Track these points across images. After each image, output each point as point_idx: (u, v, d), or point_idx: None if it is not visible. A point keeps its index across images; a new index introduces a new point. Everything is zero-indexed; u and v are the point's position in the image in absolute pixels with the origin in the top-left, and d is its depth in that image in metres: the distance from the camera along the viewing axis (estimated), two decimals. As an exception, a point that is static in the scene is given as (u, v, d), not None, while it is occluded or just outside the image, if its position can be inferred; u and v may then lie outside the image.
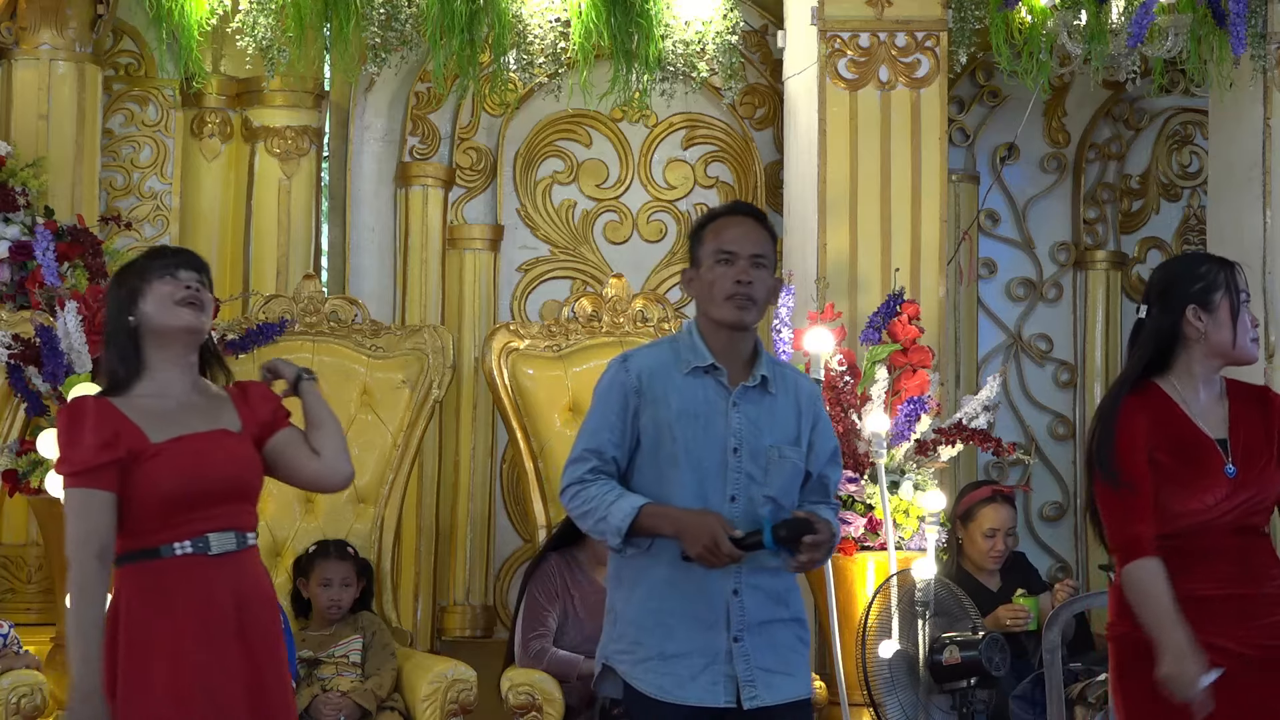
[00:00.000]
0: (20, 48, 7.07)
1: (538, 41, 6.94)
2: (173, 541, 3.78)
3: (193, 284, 3.91)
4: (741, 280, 3.97)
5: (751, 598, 3.95)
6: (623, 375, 4.02)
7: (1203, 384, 4.15)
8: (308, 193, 7.51)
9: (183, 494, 3.78)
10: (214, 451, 3.84)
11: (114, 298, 3.95)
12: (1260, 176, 6.84)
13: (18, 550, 6.81)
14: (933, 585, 6.00)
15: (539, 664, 5.89)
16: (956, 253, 7.58)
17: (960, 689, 5.85)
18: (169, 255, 3.97)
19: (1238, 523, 4.06)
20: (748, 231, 4.04)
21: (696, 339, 4.04)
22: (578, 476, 4.00)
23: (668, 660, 3.92)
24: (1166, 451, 4.06)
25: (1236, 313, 4.16)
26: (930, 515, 6.27)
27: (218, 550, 3.81)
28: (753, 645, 3.93)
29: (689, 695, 3.91)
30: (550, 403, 6.70)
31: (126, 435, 3.79)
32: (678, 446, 3.94)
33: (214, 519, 3.81)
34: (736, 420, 3.98)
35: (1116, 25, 6.71)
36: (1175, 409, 4.11)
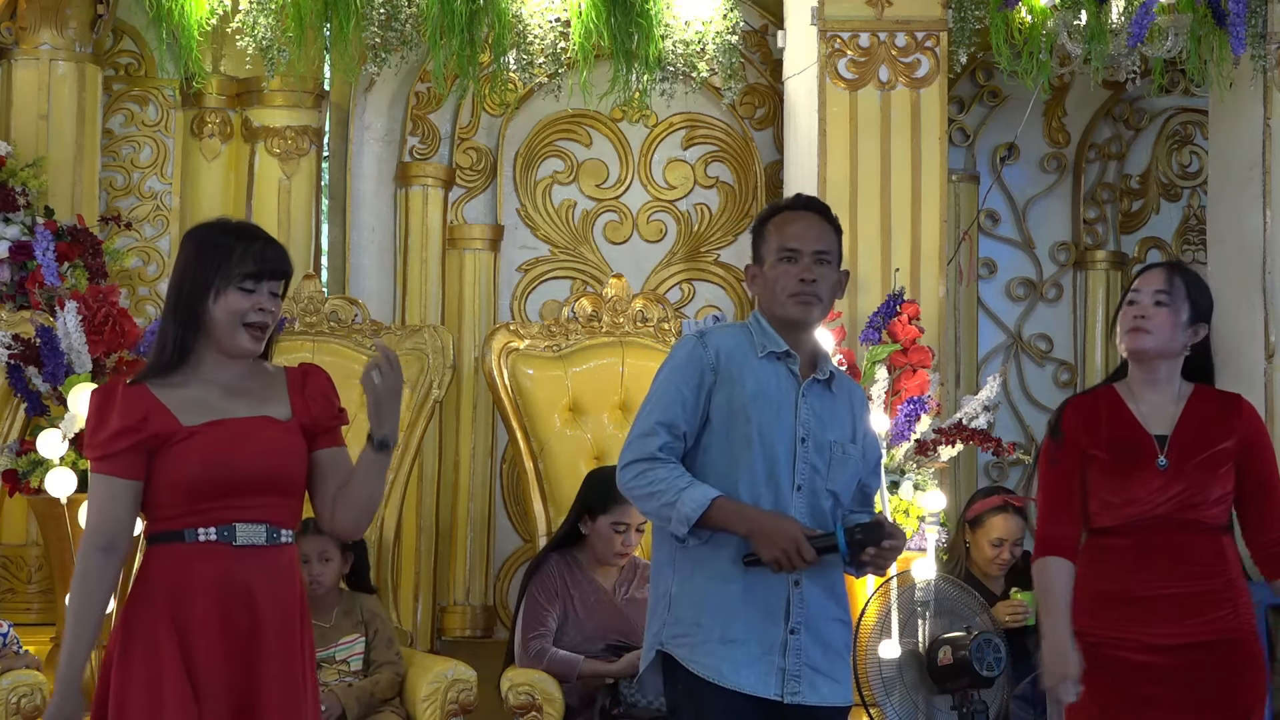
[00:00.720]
0: (20, 48, 7.07)
1: (538, 41, 6.94)
2: (197, 527, 3.67)
3: (266, 306, 3.71)
4: (805, 278, 3.97)
5: (811, 591, 3.93)
6: (700, 351, 3.99)
7: (1149, 385, 4.34)
8: (308, 193, 7.50)
9: (210, 480, 3.66)
10: (251, 439, 3.70)
11: (187, 274, 3.73)
12: (1260, 176, 6.84)
13: (18, 550, 6.81)
14: (934, 585, 5.99)
15: (539, 664, 5.89)
16: (956, 253, 7.58)
17: (957, 689, 5.85)
18: (255, 257, 3.71)
19: (1175, 516, 4.21)
20: (810, 226, 4.04)
21: (767, 326, 4.04)
22: (648, 452, 3.93)
23: (727, 645, 3.89)
24: (1103, 448, 4.27)
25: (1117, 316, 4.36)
26: (930, 515, 6.27)
27: (243, 542, 3.68)
28: (807, 640, 3.92)
29: (743, 682, 3.89)
30: (550, 403, 6.70)
31: (156, 418, 3.66)
32: (751, 428, 3.93)
33: (245, 509, 3.68)
34: (805, 411, 3.99)
35: (1116, 25, 6.71)
36: (1121, 408, 4.31)
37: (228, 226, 3.79)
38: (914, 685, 5.93)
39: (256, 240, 3.74)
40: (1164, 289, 4.29)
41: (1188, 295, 4.30)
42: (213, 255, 3.70)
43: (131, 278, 7.33)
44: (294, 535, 3.80)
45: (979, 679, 5.80)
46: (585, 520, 6.00)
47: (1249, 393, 6.72)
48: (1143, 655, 4.17)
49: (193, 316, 3.70)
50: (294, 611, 3.78)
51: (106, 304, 6.10)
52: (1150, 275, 4.36)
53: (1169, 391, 4.33)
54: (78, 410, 5.87)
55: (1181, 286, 4.31)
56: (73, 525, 5.85)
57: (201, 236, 3.77)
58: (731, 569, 3.91)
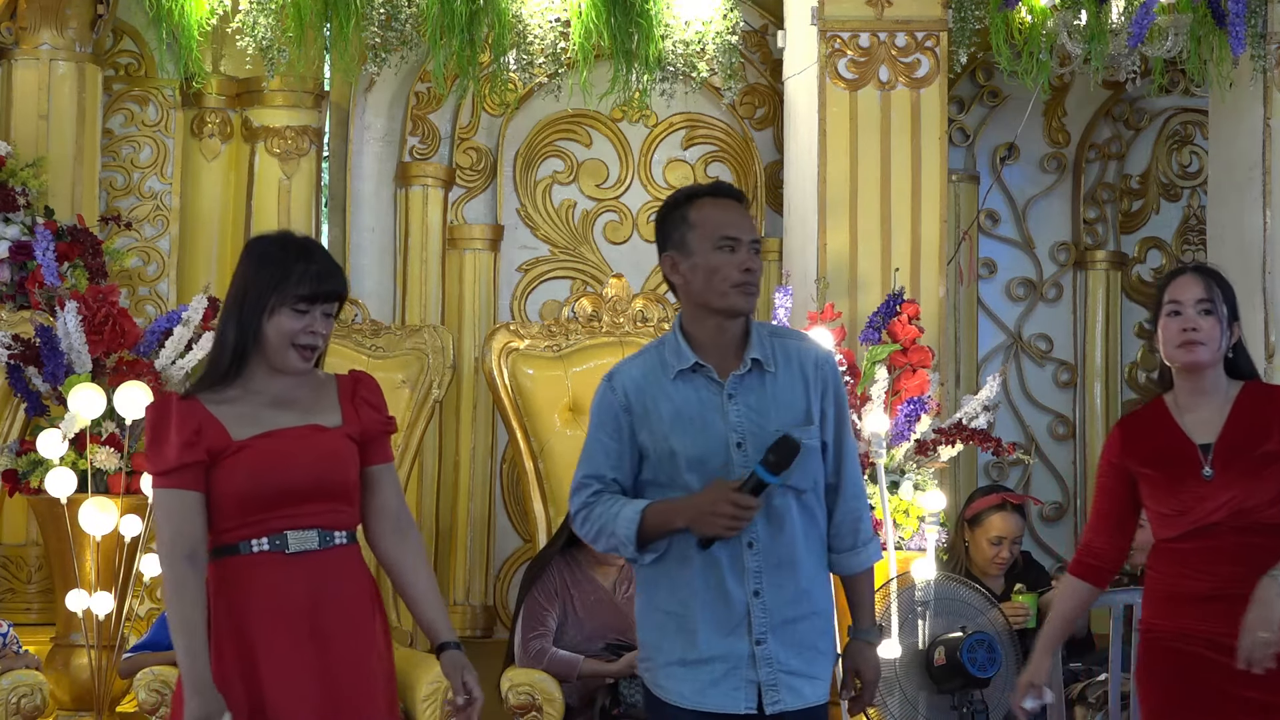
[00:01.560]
0: (20, 48, 7.07)
1: (538, 41, 6.94)
2: (250, 539, 3.71)
3: (317, 329, 3.77)
4: (750, 269, 3.85)
5: (774, 598, 3.82)
6: (610, 396, 3.90)
7: (1197, 394, 4.28)
8: (308, 193, 7.51)
9: (260, 492, 3.70)
10: (300, 449, 3.73)
11: (245, 289, 3.78)
12: (1260, 176, 6.84)
13: (18, 550, 6.81)
14: (934, 584, 5.99)
15: (539, 664, 5.89)
16: (956, 253, 7.58)
17: (954, 689, 5.85)
18: (312, 279, 3.75)
19: (1232, 522, 4.16)
20: (742, 216, 3.91)
21: (679, 339, 3.89)
22: (583, 501, 3.90)
23: (689, 666, 3.82)
24: (1149, 464, 4.25)
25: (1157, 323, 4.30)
26: (930, 515, 6.27)
27: (295, 549, 3.71)
28: (776, 647, 3.81)
29: (709, 702, 3.81)
30: (550, 403, 6.71)
31: (209, 433, 3.71)
32: (678, 454, 3.82)
33: (297, 517, 3.72)
34: (735, 413, 3.83)
35: (1116, 25, 6.71)
36: (1167, 421, 4.28)
37: (289, 243, 3.82)
38: (914, 685, 5.93)
39: (314, 262, 3.77)
40: (1206, 297, 4.22)
41: (1224, 298, 4.27)
42: (270, 273, 3.75)
43: (131, 278, 7.33)
44: (351, 536, 3.81)
45: (971, 679, 5.80)
46: (585, 520, 6.00)
47: (1249, 393, 6.74)
48: (1209, 651, 4.14)
49: (248, 329, 3.75)
50: (360, 609, 3.80)
51: (106, 304, 6.10)
52: (1187, 283, 4.26)
53: (1216, 397, 4.27)
54: (78, 410, 5.88)
55: (1218, 290, 4.26)
56: (73, 525, 5.85)
57: (261, 251, 3.81)
58: (689, 589, 3.83)
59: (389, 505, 3.88)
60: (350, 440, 3.81)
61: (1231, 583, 4.12)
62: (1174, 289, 4.27)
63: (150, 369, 6.09)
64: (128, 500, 5.92)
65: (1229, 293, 4.29)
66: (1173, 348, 4.23)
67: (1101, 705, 5.80)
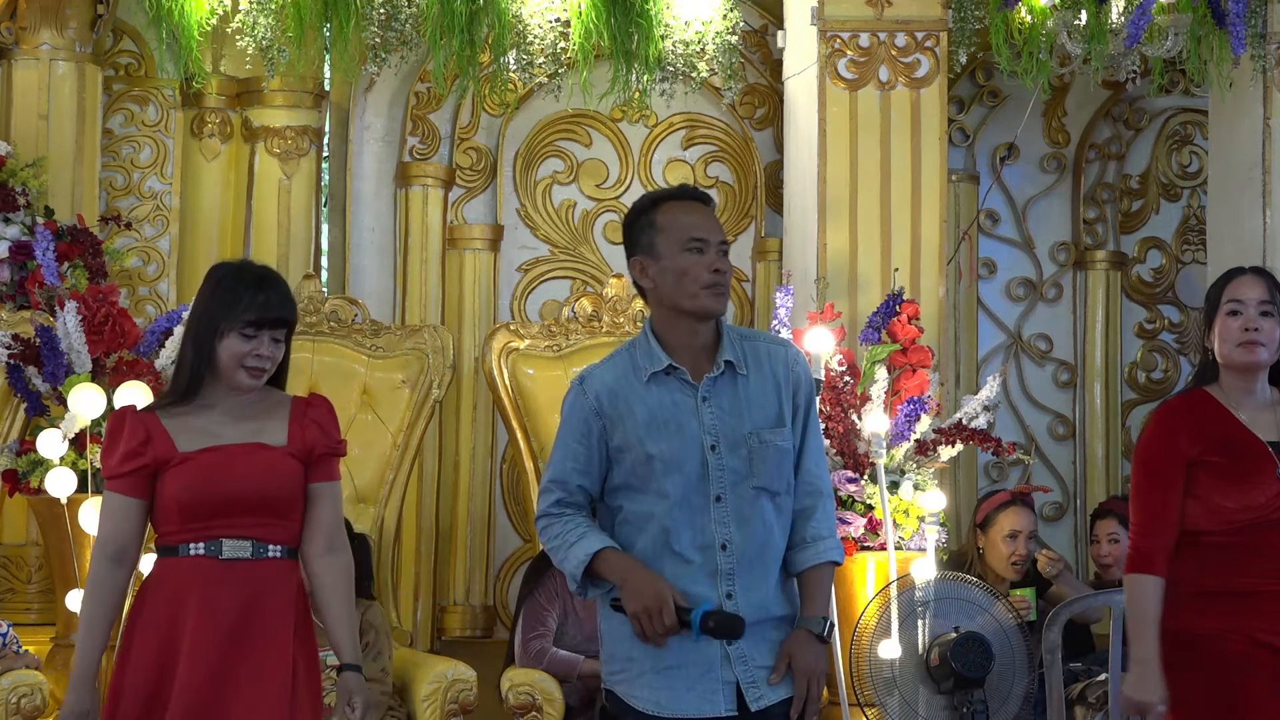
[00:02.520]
0: (20, 48, 7.07)
1: (538, 41, 6.94)
2: (189, 542, 3.98)
3: (264, 352, 3.99)
4: (720, 269, 3.83)
5: (746, 599, 3.80)
6: (581, 400, 3.87)
7: (1247, 394, 4.28)
8: (308, 193, 7.51)
9: (199, 500, 3.96)
10: (240, 464, 3.98)
11: (200, 312, 4.03)
12: (1260, 176, 6.85)
13: (18, 550, 6.81)
14: (934, 585, 5.99)
15: (539, 664, 5.89)
16: (956, 253, 7.58)
17: (952, 689, 5.85)
18: (259, 305, 3.98)
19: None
20: (709, 218, 3.89)
21: (651, 341, 3.88)
22: (544, 509, 3.89)
23: (662, 674, 3.80)
24: (1217, 452, 4.20)
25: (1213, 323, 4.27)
26: (930, 515, 6.27)
27: (229, 556, 3.96)
28: (750, 647, 3.81)
29: (686, 707, 3.80)
30: (550, 403, 6.70)
31: (157, 444, 3.98)
32: (654, 458, 3.80)
33: (233, 527, 3.97)
34: (709, 416, 3.82)
35: (1116, 25, 6.71)
36: (1224, 411, 4.25)
37: (245, 272, 4.06)
38: (913, 685, 5.93)
39: (264, 290, 4.00)
40: (1268, 299, 4.22)
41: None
42: (222, 298, 4.00)
43: (131, 278, 7.33)
44: (288, 551, 4.03)
45: (963, 679, 5.80)
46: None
47: (1249, 393, 6.74)
48: (1248, 648, 4.13)
49: (202, 350, 4.01)
50: (282, 621, 4.00)
51: (106, 304, 6.10)
52: (1249, 283, 4.25)
53: (1264, 399, 4.27)
54: (78, 410, 5.88)
55: (1278, 293, 4.27)
56: (73, 525, 5.85)
57: (219, 278, 4.07)
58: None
59: (324, 523, 4.08)
60: (293, 458, 4.03)
61: (1274, 579, 4.14)
62: (1236, 288, 4.25)
63: (150, 369, 6.09)
64: (128, 500, 5.90)
65: None
66: (1233, 346, 4.22)
67: (1102, 705, 5.79)
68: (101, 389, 5.91)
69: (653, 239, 3.87)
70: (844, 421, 6.34)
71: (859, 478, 6.31)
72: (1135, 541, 4.28)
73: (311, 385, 6.50)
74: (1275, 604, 4.14)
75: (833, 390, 6.35)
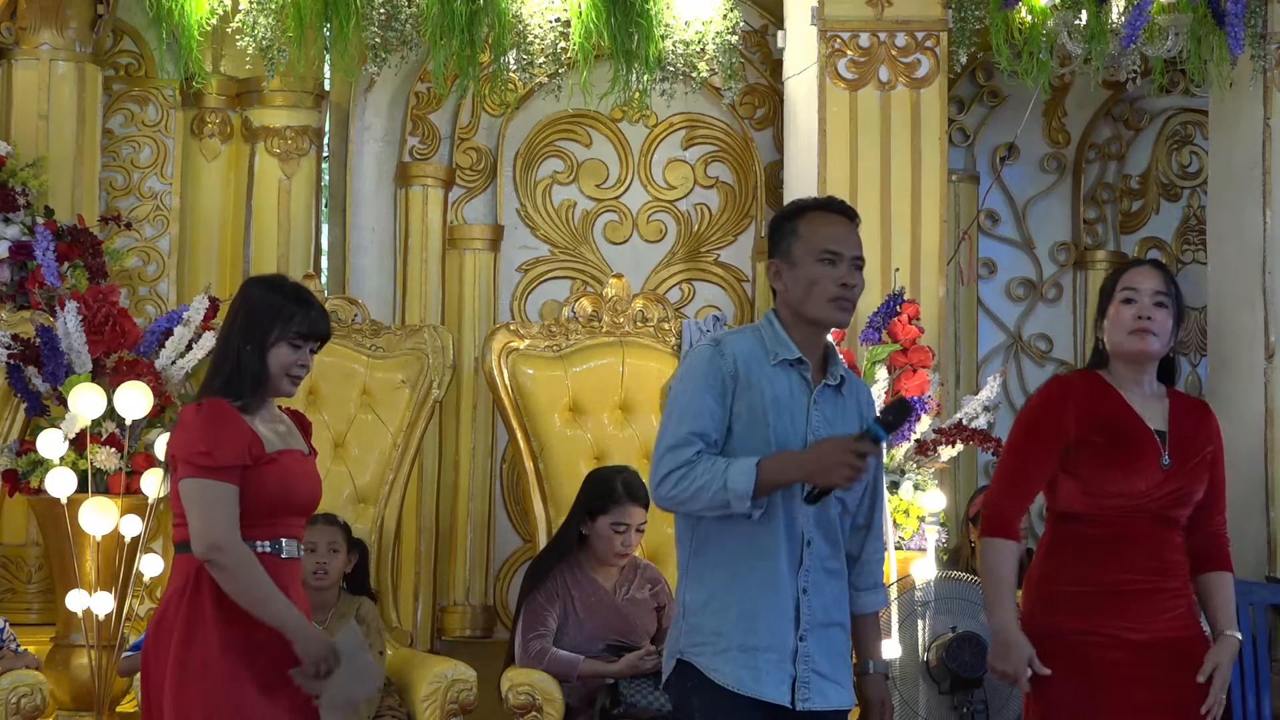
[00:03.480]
0: (20, 48, 7.07)
1: (538, 41, 6.94)
2: (255, 540, 4.10)
3: (307, 363, 4.23)
4: (847, 284, 3.98)
5: (818, 599, 3.95)
6: (719, 360, 3.96)
7: (1135, 384, 4.30)
8: (308, 193, 7.51)
9: (279, 501, 4.14)
10: (306, 469, 4.25)
11: (251, 323, 4.19)
12: (1260, 176, 6.84)
13: (18, 550, 6.81)
14: (934, 585, 5.99)
15: (539, 664, 5.89)
16: (956, 253, 7.58)
17: (951, 689, 5.85)
18: (308, 319, 4.21)
19: (1160, 512, 4.21)
20: (849, 232, 4.05)
21: (780, 331, 4.01)
22: (685, 459, 3.91)
23: (748, 652, 3.90)
24: (1102, 432, 4.22)
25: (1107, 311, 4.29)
26: (930, 515, 6.27)
27: (287, 555, 4.17)
28: (815, 646, 3.94)
29: (764, 690, 3.89)
30: (550, 403, 6.70)
31: (256, 441, 4.14)
32: (770, 434, 3.91)
33: (289, 527, 4.18)
34: (816, 417, 3.97)
35: (1116, 25, 6.71)
36: (1116, 394, 4.26)
37: (286, 289, 4.26)
38: (913, 686, 5.93)
39: (311, 305, 4.24)
40: (1163, 290, 4.25)
41: (1177, 295, 4.29)
42: (275, 312, 4.20)
43: (131, 278, 7.33)
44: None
45: (959, 679, 5.80)
46: (585, 521, 6.00)
47: (1248, 393, 6.76)
48: (1115, 652, 4.18)
49: (262, 358, 4.19)
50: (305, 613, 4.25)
51: (106, 304, 6.10)
52: (1145, 273, 4.28)
53: (1151, 390, 4.30)
54: (78, 410, 5.88)
55: (1173, 286, 4.29)
56: (73, 525, 5.85)
57: (265, 289, 4.25)
58: (750, 576, 3.92)
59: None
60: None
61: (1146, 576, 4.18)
62: (1131, 277, 4.28)
63: (150, 369, 6.09)
64: (128, 500, 5.91)
65: (1179, 292, 4.32)
66: (1125, 333, 4.24)
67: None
68: (101, 389, 5.91)
69: (791, 244, 4.02)
70: (844, 421, 6.33)
71: (859, 478, 6.30)
72: (994, 499, 4.31)
73: (311, 385, 6.50)
74: (1144, 601, 4.18)
75: (833, 390, 6.35)
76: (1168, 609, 4.21)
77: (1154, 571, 4.19)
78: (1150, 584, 4.19)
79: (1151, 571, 4.19)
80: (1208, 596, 4.32)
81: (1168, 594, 4.22)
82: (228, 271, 7.48)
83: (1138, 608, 4.18)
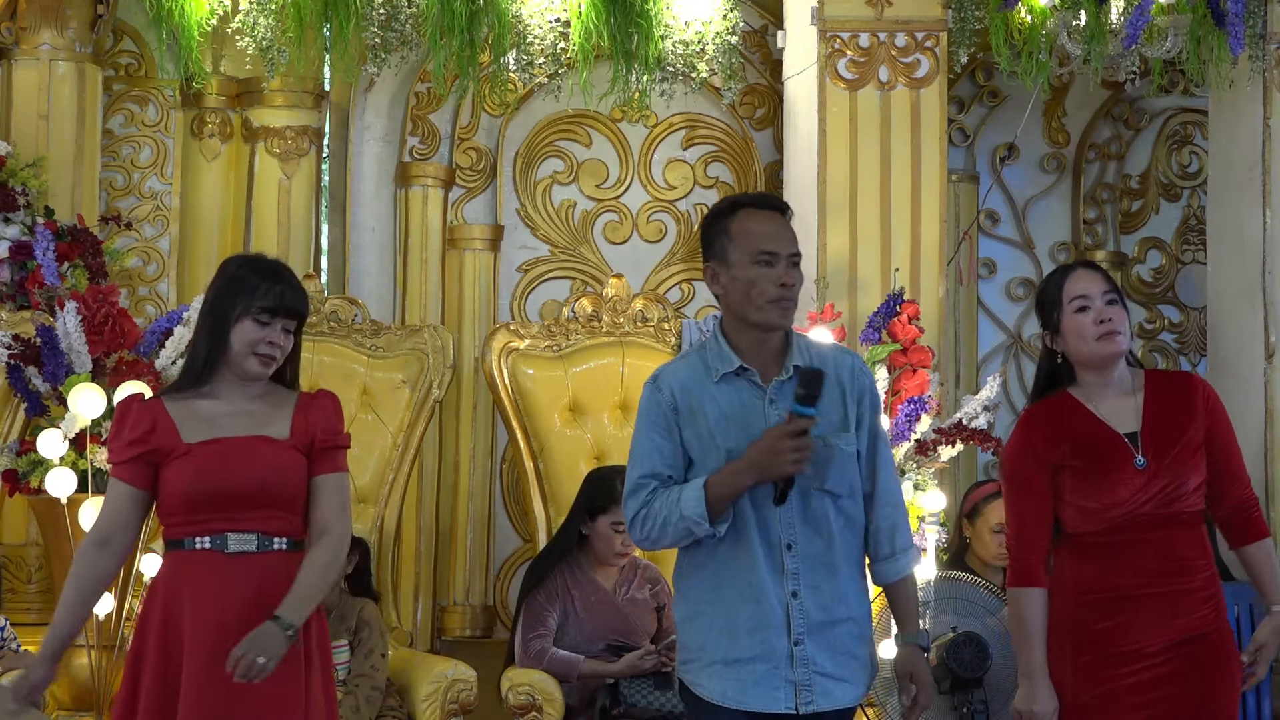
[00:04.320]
0: (20, 48, 7.07)
1: (538, 42, 6.94)
2: (194, 536, 3.99)
3: (276, 340, 4.03)
4: (786, 284, 3.90)
5: (811, 599, 3.88)
6: (657, 396, 3.94)
7: (1105, 387, 4.27)
8: (308, 193, 7.51)
9: (202, 493, 3.98)
10: (244, 457, 4.00)
11: (215, 300, 4.08)
12: (1260, 176, 6.84)
13: (18, 550, 6.81)
14: (934, 585, 5.99)
15: (539, 664, 5.89)
16: (956, 253, 7.58)
17: (953, 689, 5.84)
18: (273, 293, 4.04)
19: (1158, 513, 4.18)
20: (783, 229, 3.95)
21: (722, 343, 3.95)
22: (641, 501, 3.90)
23: (731, 666, 3.87)
24: (1076, 455, 4.21)
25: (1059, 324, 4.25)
26: (930, 515, 6.27)
27: (235, 549, 3.97)
28: (813, 649, 3.87)
29: (750, 701, 3.86)
30: (550, 403, 6.71)
31: (160, 433, 4.01)
32: (723, 454, 3.86)
33: (238, 520, 3.98)
34: (776, 417, 3.87)
35: (1116, 26, 6.71)
36: (1083, 411, 4.24)
37: (260, 263, 4.14)
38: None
39: (279, 281, 4.07)
40: (1110, 288, 4.23)
41: (1118, 288, 4.30)
42: (239, 286, 4.07)
43: (131, 278, 7.33)
44: (293, 543, 4.05)
45: (960, 679, 5.79)
46: (585, 521, 6.01)
47: (1249, 393, 6.76)
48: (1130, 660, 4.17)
49: (217, 337, 4.05)
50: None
51: (106, 304, 6.10)
52: (1089, 278, 4.24)
53: (1124, 386, 4.26)
54: (78, 410, 5.87)
55: (1113, 280, 4.29)
56: (73, 525, 5.85)
57: (234, 269, 4.15)
58: (731, 589, 3.89)
59: (318, 514, 4.08)
60: (296, 452, 4.06)
61: (1156, 579, 4.15)
62: (1075, 284, 4.25)
63: (150, 369, 6.09)
64: (128, 500, 5.91)
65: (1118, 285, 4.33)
66: (1092, 340, 4.21)
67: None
68: (101, 389, 5.91)
69: (725, 246, 3.94)
70: (844, 421, 6.34)
71: (859, 478, 6.31)
72: (1014, 556, 4.31)
73: (311, 385, 6.49)
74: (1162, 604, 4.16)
75: (833, 390, 6.35)
76: (1185, 611, 4.19)
77: (1167, 573, 4.17)
78: (1165, 586, 4.16)
79: (1164, 573, 4.16)
80: (1252, 571, 4.29)
81: (1187, 595, 4.19)
82: (228, 271, 7.46)
83: (1156, 609, 4.16)
